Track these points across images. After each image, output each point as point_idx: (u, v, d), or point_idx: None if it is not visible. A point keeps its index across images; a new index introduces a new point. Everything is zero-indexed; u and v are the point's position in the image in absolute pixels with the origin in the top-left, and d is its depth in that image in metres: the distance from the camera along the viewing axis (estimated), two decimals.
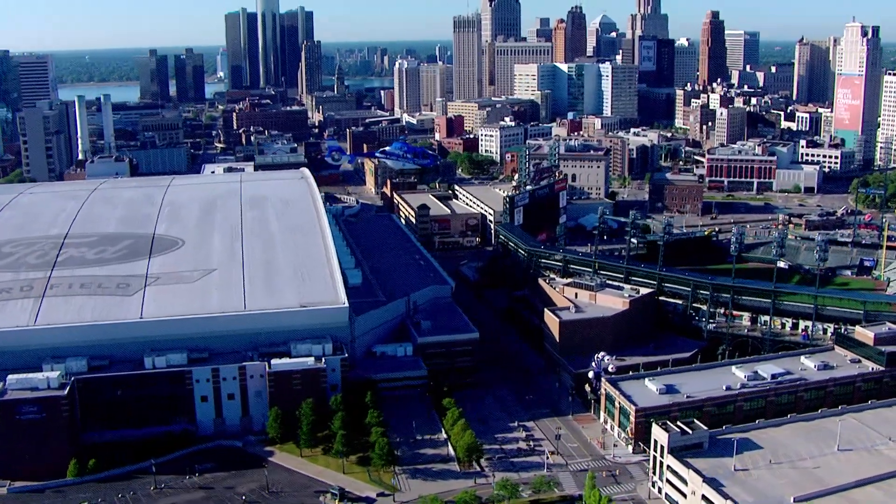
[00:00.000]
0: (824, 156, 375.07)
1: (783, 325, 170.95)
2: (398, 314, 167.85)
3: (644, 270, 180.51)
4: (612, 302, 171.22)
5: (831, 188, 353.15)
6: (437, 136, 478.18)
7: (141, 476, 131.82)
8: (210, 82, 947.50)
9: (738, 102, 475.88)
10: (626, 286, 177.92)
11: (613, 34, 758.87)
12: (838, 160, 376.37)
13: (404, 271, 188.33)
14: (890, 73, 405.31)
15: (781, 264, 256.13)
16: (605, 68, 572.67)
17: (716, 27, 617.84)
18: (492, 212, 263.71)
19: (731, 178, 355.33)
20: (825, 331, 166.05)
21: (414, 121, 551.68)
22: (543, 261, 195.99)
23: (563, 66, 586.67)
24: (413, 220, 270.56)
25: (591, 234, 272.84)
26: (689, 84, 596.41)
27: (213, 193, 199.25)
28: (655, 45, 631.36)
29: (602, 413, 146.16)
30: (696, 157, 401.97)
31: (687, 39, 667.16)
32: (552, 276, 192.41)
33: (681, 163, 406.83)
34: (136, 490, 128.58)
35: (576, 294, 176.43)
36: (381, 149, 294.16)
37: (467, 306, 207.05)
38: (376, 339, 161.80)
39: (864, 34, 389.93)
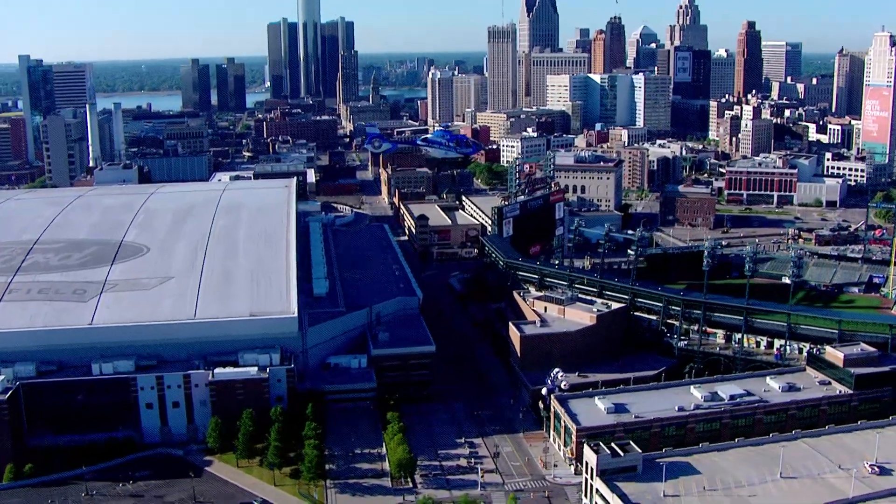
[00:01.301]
0: (850, 169, 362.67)
1: (758, 344, 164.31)
2: (358, 325, 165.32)
3: (617, 285, 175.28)
4: (579, 317, 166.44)
5: (856, 202, 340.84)
6: None
7: (76, 482, 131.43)
8: (258, 92, 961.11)
9: (766, 114, 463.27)
10: (599, 301, 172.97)
11: (653, 45, 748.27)
12: (864, 173, 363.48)
13: (375, 282, 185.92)
14: None
15: (787, 280, 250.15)
16: (638, 79, 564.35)
17: (752, 38, 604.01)
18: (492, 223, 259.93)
19: (751, 192, 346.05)
20: (801, 350, 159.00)
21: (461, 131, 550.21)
22: (521, 273, 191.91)
23: (596, 77, 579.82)
24: (414, 231, 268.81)
25: (597, 247, 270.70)
26: (726, 95, 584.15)
27: (192, 201, 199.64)
28: (691, 56, 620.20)
29: (551, 431, 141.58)
30: (720, 170, 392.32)
31: (726, 50, 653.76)
32: (530, 288, 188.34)
33: (705, 175, 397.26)
34: (68, 496, 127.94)
35: (545, 308, 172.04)
36: (423, 136, 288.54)
37: (450, 318, 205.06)
38: (333, 350, 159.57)
39: (893, 44, 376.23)
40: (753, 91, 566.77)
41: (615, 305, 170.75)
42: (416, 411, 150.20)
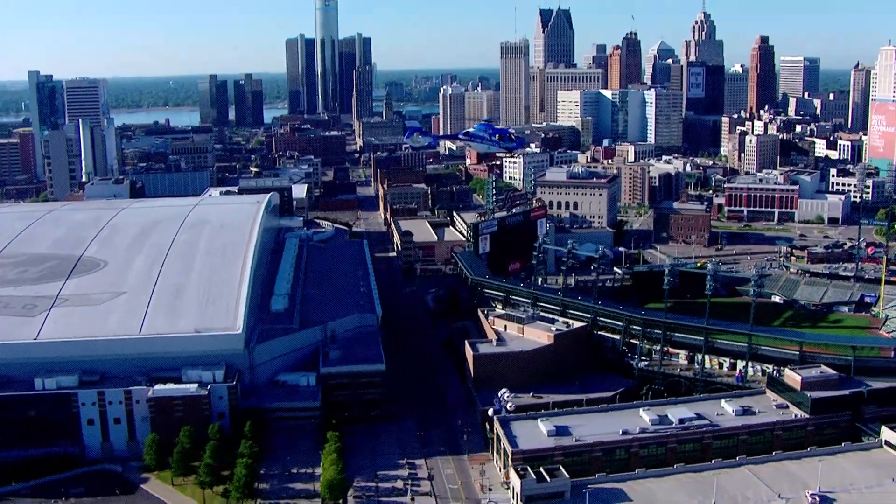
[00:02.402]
0: (855, 185, 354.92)
1: (721, 365, 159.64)
2: (312, 342, 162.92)
3: (579, 303, 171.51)
4: (537, 336, 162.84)
5: (860, 219, 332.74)
6: (467, 161, 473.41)
7: (9, 499, 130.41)
8: (279, 108, 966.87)
9: (772, 129, 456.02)
10: (561, 320, 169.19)
11: (670, 61, 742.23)
12: (870, 189, 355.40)
13: (338, 299, 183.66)
14: None
15: (776, 299, 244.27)
16: (650, 95, 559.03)
17: (765, 53, 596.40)
18: None
19: (752, 208, 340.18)
20: (764, 372, 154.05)
21: (454, 147, 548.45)
22: (487, 291, 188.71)
23: (608, 93, 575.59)
24: (399, 247, 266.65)
25: (584, 264, 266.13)
26: (741, 111, 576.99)
27: (160, 217, 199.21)
28: (704, 72, 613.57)
29: (494, 454, 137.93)
30: (724, 186, 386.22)
31: (741, 66, 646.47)
32: (497, 306, 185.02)
33: (710, 191, 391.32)
34: None
35: (505, 326, 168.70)
36: (465, 130, 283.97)
37: (419, 336, 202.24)
38: (284, 367, 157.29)
39: None
40: (766, 106, 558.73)
41: (577, 325, 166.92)
42: (365, 431, 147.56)
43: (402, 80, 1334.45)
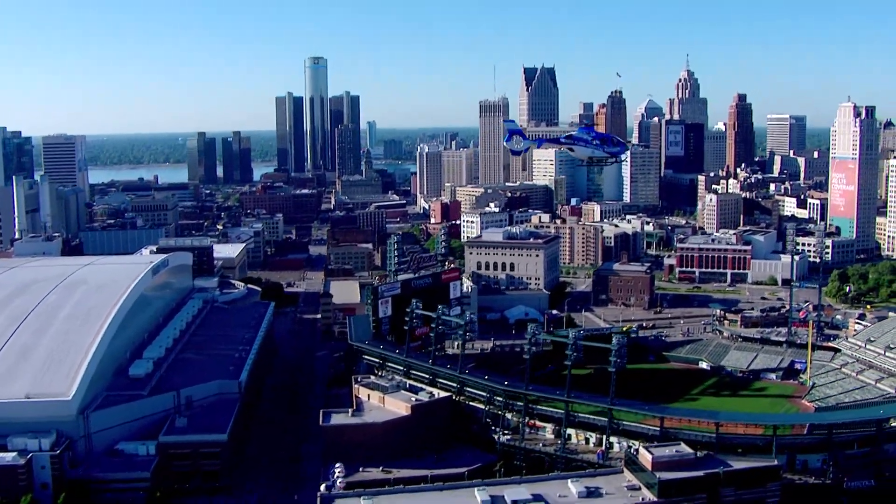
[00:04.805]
0: (814, 245, 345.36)
1: (587, 440, 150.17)
2: (162, 409, 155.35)
3: (446, 373, 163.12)
4: (396, 406, 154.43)
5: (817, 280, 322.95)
6: (431, 220, 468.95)
7: None
8: (269, 165, 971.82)
9: (736, 188, 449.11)
10: (427, 389, 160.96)
11: (656, 119, 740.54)
12: (830, 250, 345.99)
13: (208, 364, 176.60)
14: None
15: (704, 365, 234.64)
16: (625, 153, 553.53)
17: (743, 111, 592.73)
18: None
19: (704, 269, 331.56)
20: (631, 448, 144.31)
21: (427, 205, 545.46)
22: (366, 357, 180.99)
23: None
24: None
25: (513, 327, 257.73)
26: (719, 170, 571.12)
27: (41, 276, 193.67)
28: (683, 130, 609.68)
29: None
30: (676, 246, 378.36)
31: (724, 124, 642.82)
32: (379, 374, 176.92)
33: (669, 252, 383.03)
34: None
35: (368, 395, 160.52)
36: (567, 134, 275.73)
37: (314, 402, 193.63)
38: (127, 435, 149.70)
39: (857, 114, 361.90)
40: (743, 164, 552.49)
41: (442, 394, 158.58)
42: None
43: (403, 139, 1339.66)
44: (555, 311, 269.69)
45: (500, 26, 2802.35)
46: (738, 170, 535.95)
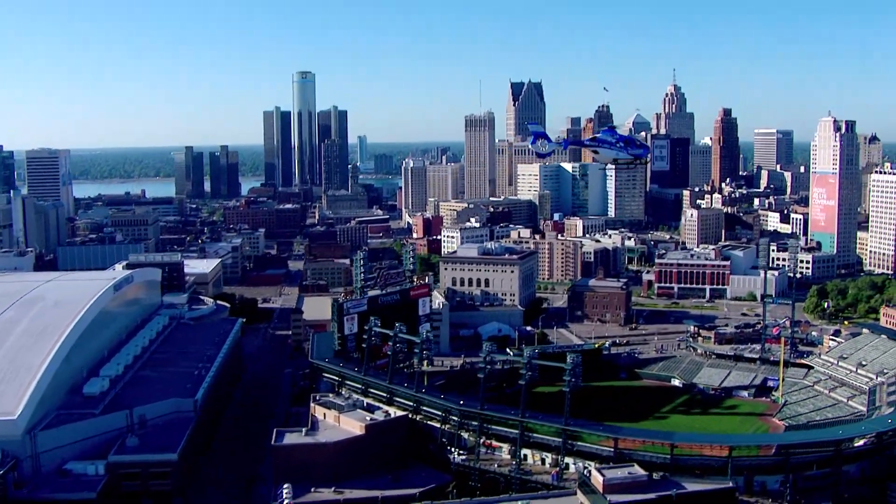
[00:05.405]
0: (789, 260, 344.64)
1: (544, 461, 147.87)
2: (114, 428, 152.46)
3: (404, 391, 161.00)
4: (351, 425, 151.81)
5: (799, 296, 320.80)
6: (413, 235, 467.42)
7: None
8: (257, 180, 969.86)
9: (718, 202, 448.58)
10: (384, 408, 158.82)
11: (643, 133, 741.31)
12: (810, 265, 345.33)
13: (165, 382, 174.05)
14: (879, 172, 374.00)
15: (676, 382, 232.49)
16: (610, 168, 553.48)
17: (727, 125, 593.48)
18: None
19: (683, 285, 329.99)
20: (585, 469, 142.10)
21: (411, 220, 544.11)
22: (325, 375, 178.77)
23: (568, 166, 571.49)
24: None
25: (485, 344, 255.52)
26: (704, 184, 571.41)
27: (1, 291, 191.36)
28: (668, 145, 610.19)
29: None
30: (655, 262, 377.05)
31: (711, 138, 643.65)
32: (338, 392, 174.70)
33: (648, 268, 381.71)
34: None
35: (324, 414, 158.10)
36: (592, 136, 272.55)
37: (275, 421, 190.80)
38: (77, 454, 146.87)
39: (837, 129, 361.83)
40: (728, 179, 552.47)
41: (399, 413, 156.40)
42: None
43: (394, 153, 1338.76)
44: (528, 328, 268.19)
45: (489, 40, 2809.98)
46: (723, 184, 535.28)
